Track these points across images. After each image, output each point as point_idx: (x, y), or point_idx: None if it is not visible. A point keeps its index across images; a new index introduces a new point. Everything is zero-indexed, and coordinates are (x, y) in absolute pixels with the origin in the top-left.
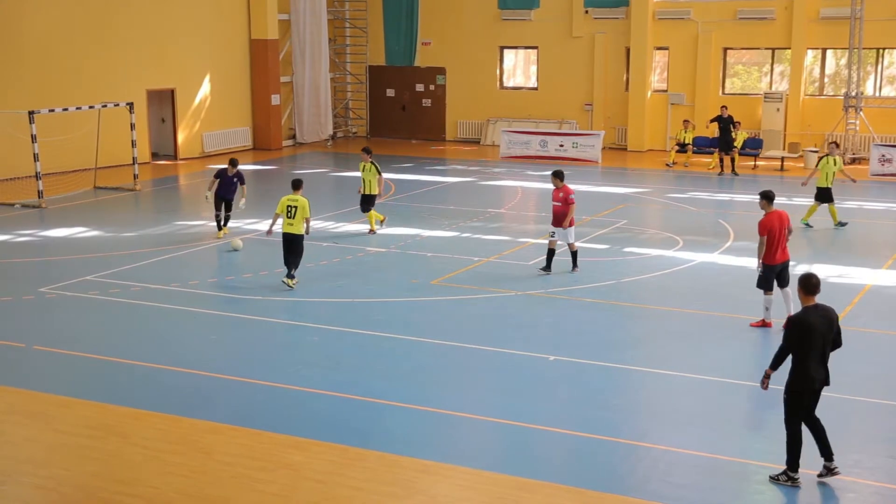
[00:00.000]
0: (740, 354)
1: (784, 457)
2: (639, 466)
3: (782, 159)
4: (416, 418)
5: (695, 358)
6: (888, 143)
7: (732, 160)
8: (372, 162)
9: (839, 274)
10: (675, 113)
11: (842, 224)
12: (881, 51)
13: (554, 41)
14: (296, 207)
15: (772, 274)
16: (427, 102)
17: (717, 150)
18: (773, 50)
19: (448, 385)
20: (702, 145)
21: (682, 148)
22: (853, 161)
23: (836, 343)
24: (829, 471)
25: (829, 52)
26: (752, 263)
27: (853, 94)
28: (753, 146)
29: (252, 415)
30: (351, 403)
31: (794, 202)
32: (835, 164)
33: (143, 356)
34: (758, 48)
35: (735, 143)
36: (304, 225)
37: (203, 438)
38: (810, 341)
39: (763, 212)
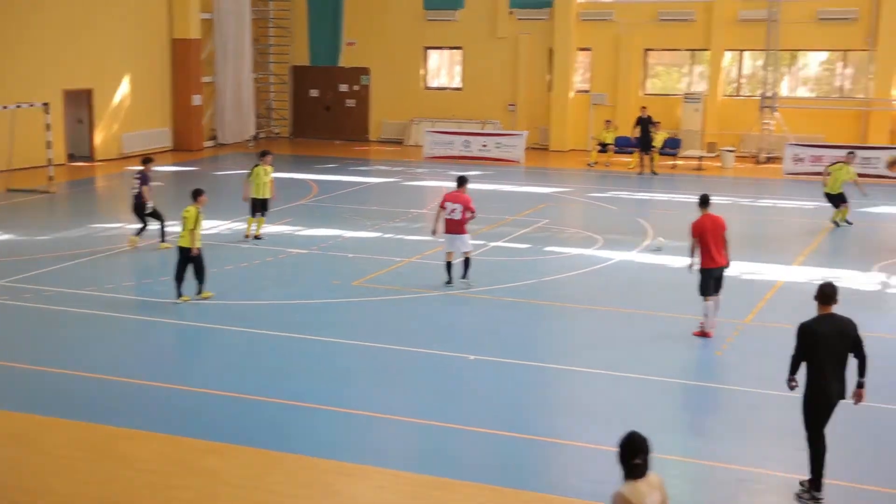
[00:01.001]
0: (658, 351)
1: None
2: (556, 463)
3: (700, 158)
4: (336, 420)
5: (613, 355)
6: (802, 143)
7: (651, 160)
8: (272, 164)
9: (752, 271)
10: (596, 113)
11: (847, 223)
12: (796, 52)
13: (478, 42)
14: (185, 219)
15: (709, 278)
16: (351, 103)
17: (637, 149)
18: (693, 51)
19: (369, 386)
20: (623, 145)
21: (604, 148)
22: (768, 160)
23: (858, 355)
24: (808, 495)
25: (747, 54)
26: (671, 261)
27: (769, 94)
28: (672, 146)
29: (168, 420)
30: (271, 406)
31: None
32: (847, 173)
33: (56, 362)
34: (678, 49)
35: (655, 143)
36: (191, 237)
37: (116, 445)
38: (818, 351)
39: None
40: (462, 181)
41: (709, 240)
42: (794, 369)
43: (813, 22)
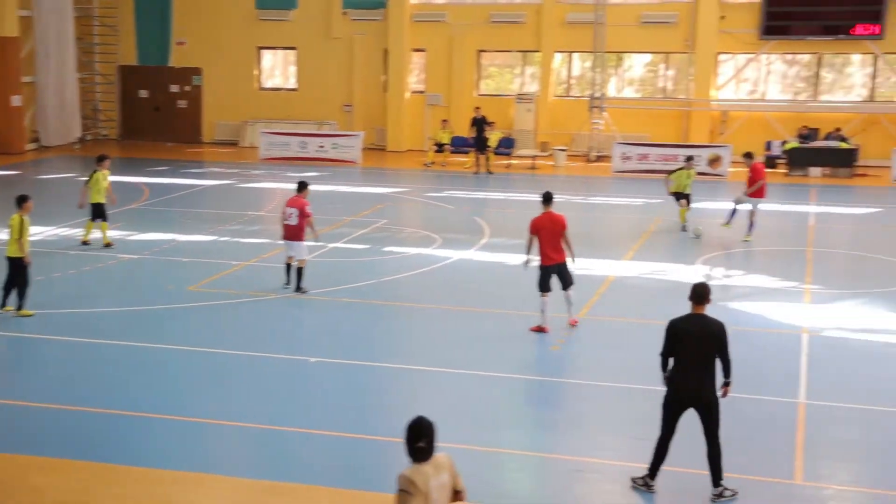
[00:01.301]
0: (497, 348)
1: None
2: (399, 463)
3: (534, 158)
4: (173, 429)
5: (453, 353)
6: (629, 142)
7: (487, 159)
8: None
9: (585, 267)
10: (432, 113)
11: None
12: (622, 54)
13: (313, 42)
14: (11, 228)
15: (547, 275)
16: (182, 104)
17: (473, 149)
18: (525, 52)
19: (207, 393)
20: (459, 145)
21: (440, 148)
22: (598, 159)
23: (722, 358)
24: (712, 498)
25: (576, 56)
26: (507, 259)
27: (597, 95)
28: (507, 145)
29: None
30: (103, 418)
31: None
32: (689, 176)
33: None
34: (510, 51)
35: (489, 143)
36: (19, 246)
37: None
38: (681, 349)
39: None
40: (301, 186)
41: (545, 237)
42: (664, 366)
43: (637, 25)
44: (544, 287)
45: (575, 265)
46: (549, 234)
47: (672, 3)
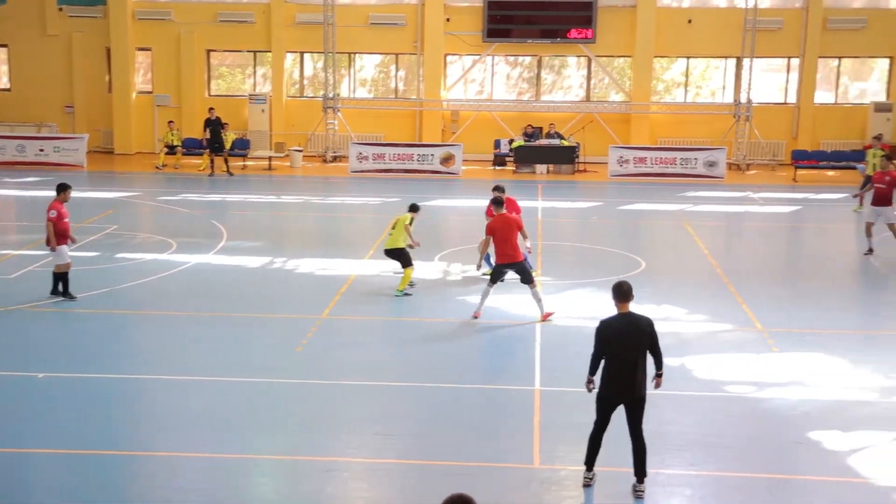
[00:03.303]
0: (239, 352)
1: None
2: (142, 475)
3: (270, 159)
4: None
5: (198, 360)
6: (364, 142)
7: (225, 161)
8: None
9: (326, 267)
10: (161, 114)
11: None
12: (353, 55)
13: (26, 39)
14: None
15: (501, 272)
16: None
17: (207, 151)
18: (255, 52)
19: None
20: (191, 146)
21: (172, 150)
22: (334, 159)
23: (654, 351)
24: (634, 490)
25: (307, 56)
26: (247, 262)
27: (331, 95)
28: (242, 146)
29: None
30: None
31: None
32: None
33: None
34: (240, 51)
35: (226, 145)
36: None
37: None
38: (612, 348)
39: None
40: (59, 188)
41: (501, 238)
42: (593, 368)
43: (366, 26)
44: (494, 279)
45: (530, 251)
46: (504, 234)
47: (399, 4)
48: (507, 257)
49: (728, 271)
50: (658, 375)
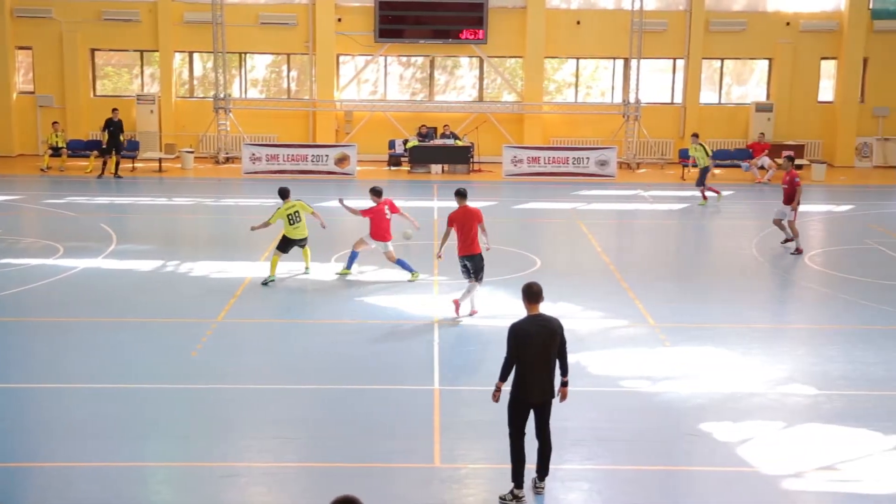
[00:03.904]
0: (133, 358)
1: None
2: (32, 488)
3: (160, 160)
4: None
5: (87, 366)
6: (257, 143)
7: (116, 164)
8: None
9: (220, 269)
10: (45, 115)
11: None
12: (244, 55)
13: None
14: None
15: (463, 264)
16: None
17: (96, 152)
18: (142, 52)
19: None
20: (77, 148)
21: (56, 152)
22: (227, 160)
23: (562, 357)
24: (534, 486)
25: (197, 56)
26: (139, 266)
27: (221, 96)
28: (131, 148)
29: None
30: None
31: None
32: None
33: None
34: (126, 50)
35: (106, 147)
36: None
37: None
38: (527, 350)
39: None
40: None
41: (460, 229)
42: (505, 374)
43: (256, 26)
44: (467, 275)
45: (487, 252)
46: (463, 226)
47: (290, 4)
48: (465, 249)
49: (621, 268)
50: (563, 384)
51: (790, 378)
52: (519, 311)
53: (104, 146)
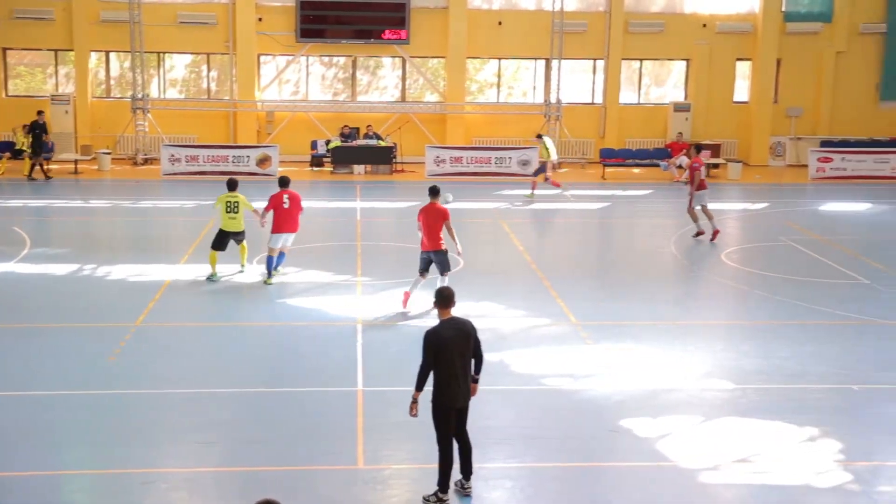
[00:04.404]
0: (51, 365)
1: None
2: None
3: (76, 162)
4: None
5: (11, 373)
6: (177, 144)
7: (41, 165)
8: None
9: (139, 273)
10: None
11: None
12: (162, 54)
13: None
14: None
15: (422, 259)
16: None
17: (8, 153)
18: (56, 51)
19: None
20: None
21: None
22: (146, 161)
23: (477, 356)
24: (462, 487)
25: (113, 55)
26: (55, 270)
27: (139, 96)
28: (45, 149)
29: None
30: None
31: None
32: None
33: None
34: (39, 49)
35: (26, 148)
36: None
37: None
38: (445, 355)
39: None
40: None
41: (423, 225)
42: (421, 383)
43: (175, 25)
44: (420, 268)
45: (460, 255)
46: (426, 223)
47: (209, 4)
48: (429, 245)
49: (543, 267)
50: (475, 381)
51: (708, 373)
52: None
53: (26, 149)
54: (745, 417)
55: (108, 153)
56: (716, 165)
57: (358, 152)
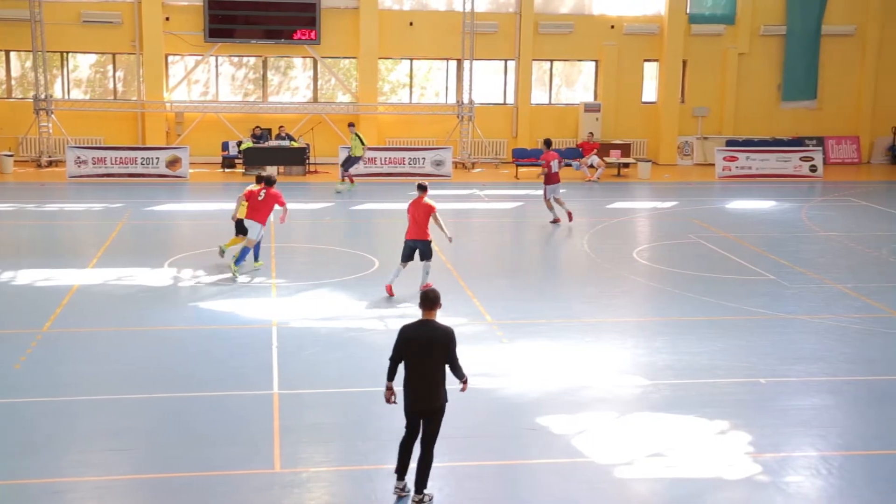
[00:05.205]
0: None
1: None
2: None
3: None
4: None
5: None
6: (83, 146)
7: None
8: None
9: (45, 277)
10: None
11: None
12: (66, 54)
13: None
14: None
15: (406, 248)
16: None
17: None
18: None
19: None
20: None
21: None
22: (50, 164)
23: (451, 368)
24: (403, 490)
25: (14, 55)
26: None
27: (42, 97)
28: None
29: None
30: None
31: None
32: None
33: None
34: None
35: None
36: None
37: None
38: (407, 354)
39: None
40: None
41: (410, 216)
42: (390, 373)
43: (78, 24)
44: (403, 258)
45: (451, 243)
46: (414, 215)
47: (114, 2)
48: (415, 234)
49: (458, 267)
50: (463, 382)
51: (621, 370)
52: (356, 314)
53: None
54: (657, 412)
55: (11, 155)
56: (626, 165)
57: (270, 153)
